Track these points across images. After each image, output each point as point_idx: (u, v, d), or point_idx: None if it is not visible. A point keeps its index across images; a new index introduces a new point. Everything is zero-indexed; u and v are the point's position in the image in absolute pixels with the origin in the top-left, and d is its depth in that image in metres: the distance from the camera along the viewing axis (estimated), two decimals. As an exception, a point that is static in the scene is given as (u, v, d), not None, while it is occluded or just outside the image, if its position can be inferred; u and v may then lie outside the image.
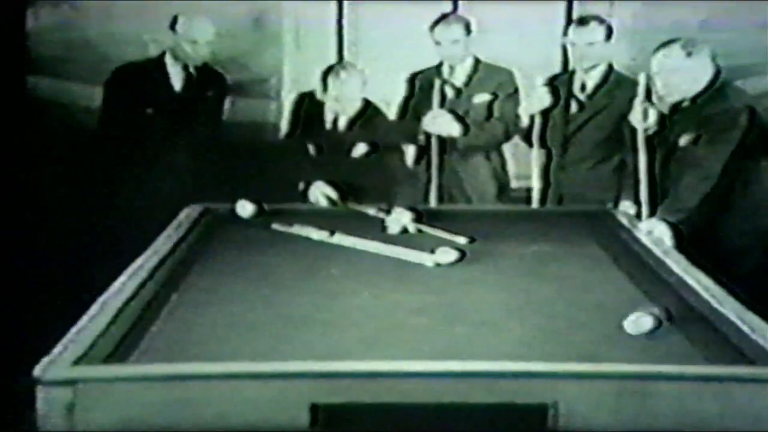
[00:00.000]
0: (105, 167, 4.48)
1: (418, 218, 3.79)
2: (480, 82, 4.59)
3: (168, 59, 4.56)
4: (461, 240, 3.51)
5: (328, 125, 4.45)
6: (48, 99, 5.17)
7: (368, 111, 4.44)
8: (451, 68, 4.60)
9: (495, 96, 4.55)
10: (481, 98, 4.57)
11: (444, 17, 4.59)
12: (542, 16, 5.19)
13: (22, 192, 4.52)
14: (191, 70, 4.58)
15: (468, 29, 4.54)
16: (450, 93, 4.59)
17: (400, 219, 3.77)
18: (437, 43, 4.55)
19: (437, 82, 4.55)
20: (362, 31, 5.45)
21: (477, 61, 4.61)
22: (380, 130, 4.46)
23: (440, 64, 4.67)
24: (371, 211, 3.98)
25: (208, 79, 4.66)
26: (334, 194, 4.24)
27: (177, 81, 4.59)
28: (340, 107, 4.39)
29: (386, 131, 4.49)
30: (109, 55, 4.78)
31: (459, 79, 4.60)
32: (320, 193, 4.27)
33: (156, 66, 4.58)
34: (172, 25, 4.53)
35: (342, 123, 4.42)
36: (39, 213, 4.53)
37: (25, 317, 3.76)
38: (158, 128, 4.51)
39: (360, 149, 4.40)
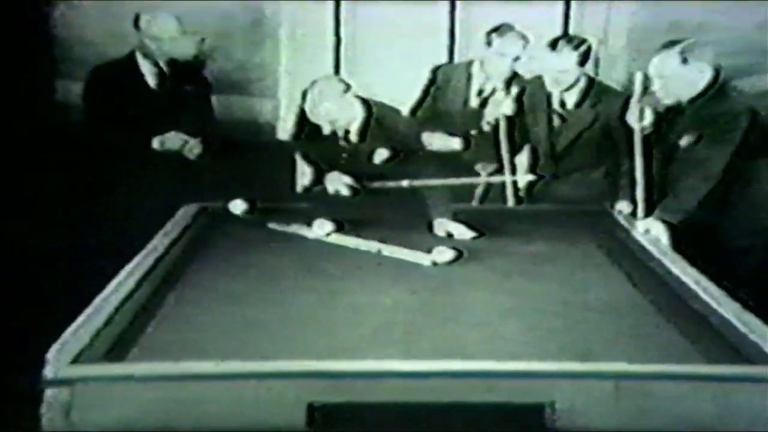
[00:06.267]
0: (101, 166, 4.46)
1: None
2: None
3: (138, 57, 4.52)
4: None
5: (341, 140, 4.17)
6: (47, 98, 5.16)
7: (375, 113, 4.16)
8: (487, 79, 4.47)
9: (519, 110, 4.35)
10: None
11: (509, 28, 4.40)
12: (541, 17, 5.18)
13: (20, 191, 4.51)
14: (162, 65, 4.54)
15: (527, 45, 4.39)
16: (474, 102, 4.53)
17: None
18: (501, 55, 4.38)
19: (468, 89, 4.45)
20: (359, 30, 5.44)
21: (514, 74, 4.44)
22: (398, 127, 4.22)
23: (470, 63, 4.57)
24: (405, 183, 3.97)
25: (183, 75, 4.62)
26: (352, 181, 4.16)
27: (150, 78, 4.55)
28: (338, 126, 4.10)
29: (404, 127, 4.27)
30: (108, 54, 4.76)
31: (488, 89, 4.47)
32: (339, 182, 4.15)
33: (128, 64, 4.54)
34: (136, 23, 4.49)
35: (353, 135, 4.13)
36: (37, 212, 4.52)
37: (23, 317, 3.75)
38: (144, 126, 4.47)
39: (381, 155, 4.15)
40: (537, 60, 4.29)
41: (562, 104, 4.27)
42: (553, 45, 4.18)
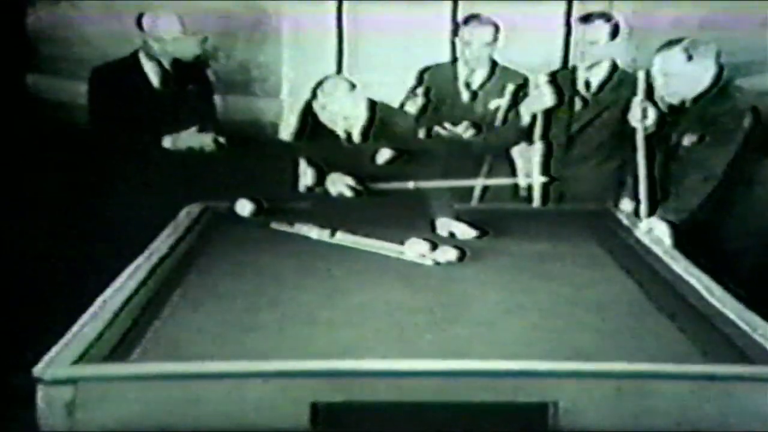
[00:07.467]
0: (104, 165, 4.47)
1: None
2: (495, 86, 4.50)
3: (141, 56, 4.53)
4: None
5: (343, 140, 4.18)
6: (48, 97, 5.17)
7: (379, 113, 4.17)
8: (471, 70, 4.53)
9: (511, 102, 4.43)
10: (496, 104, 4.46)
11: (475, 17, 4.48)
12: (542, 16, 5.18)
13: (21, 191, 4.51)
14: (166, 65, 4.54)
15: (498, 32, 4.46)
16: (465, 96, 4.55)
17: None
18: (467, 43, 4.45)
19: (456, 84, 4.48)
20: (362, 30, 5.44)
21: (494, 64, 4.52)
22: (399, 126, 4.26)
23: (455, 61, 4.61)
24: (410, 184, 3.97)
25: (186, 74, 4.62)
26: (353, 182, 4.15)
27: (154, 77, 4.55)
28: (349, 123, 4.12)
29: (407, 128, 4.32)
30: (109, 53, 4.77)
31: (476, 81, 4.53)
32: (342, 184, 4.16)
33: (132, 64, 4.54)
34: (139, 23, 4.49)
35: (356, 135, 4.15)
36: (38, 212, 4.52)
37: (25, 316, 3.75)
38: (148, 125, 4.48)
39: (384, 155, 4.17)
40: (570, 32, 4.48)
41: (587, 85, 4.31)
42: (586, 19, 4.33)
